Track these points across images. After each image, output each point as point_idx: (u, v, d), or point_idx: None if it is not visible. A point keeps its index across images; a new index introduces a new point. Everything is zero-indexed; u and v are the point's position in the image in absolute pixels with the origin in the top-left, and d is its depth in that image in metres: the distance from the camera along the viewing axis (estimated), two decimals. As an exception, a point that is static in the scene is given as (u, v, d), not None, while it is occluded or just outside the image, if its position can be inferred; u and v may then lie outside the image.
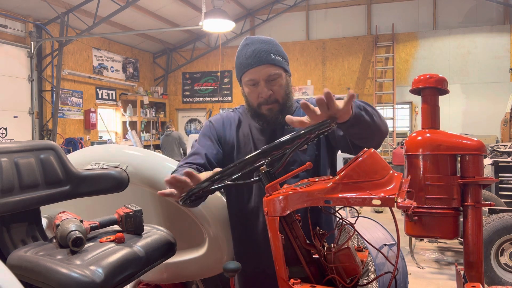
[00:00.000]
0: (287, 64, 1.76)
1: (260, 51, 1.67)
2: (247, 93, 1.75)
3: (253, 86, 1.70)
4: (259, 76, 1.67)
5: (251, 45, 1.70)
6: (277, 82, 1.69)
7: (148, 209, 1.99)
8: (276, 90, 1.70)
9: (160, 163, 2.03)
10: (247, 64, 1.68)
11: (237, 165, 1.34)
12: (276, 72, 1.68)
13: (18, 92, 9.61)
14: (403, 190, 1.12)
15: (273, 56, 1.68)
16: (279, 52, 1.71)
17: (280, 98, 1.71)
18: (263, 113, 1.72)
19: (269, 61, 1.67)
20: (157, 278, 2.11)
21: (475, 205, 1.12)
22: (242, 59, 1.71)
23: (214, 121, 1.85)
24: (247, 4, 13.11)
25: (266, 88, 1.68)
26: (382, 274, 1.39)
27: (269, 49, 1.68)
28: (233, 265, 1.38)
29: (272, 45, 1.71)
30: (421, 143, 1.15)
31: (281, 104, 1.72)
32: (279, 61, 1.69)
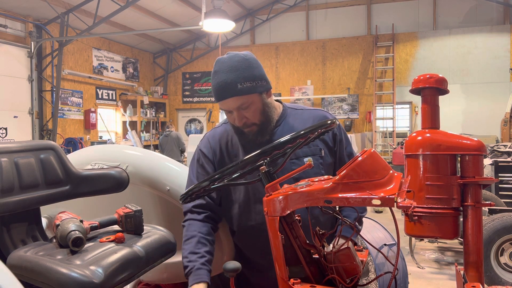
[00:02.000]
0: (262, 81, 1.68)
1: (226, 83, 1.62)
2: (227, 117, 1.76)
3: (228, 113, 1.71)
4: (229, 107, 1.67)
5: (218, 74, 1.65)
6: (250, 109, 1.66)
7: (148, 209, 1.99)
8: (251, 116, 1.68)
9: (160, 163, 2.02)
10: (216, 96, 1.68)
11: (238, 165, 1.35)
12: (246, 101, 1.64)
13: (18, 92, 9.61)
14: (403, 190, 1.12)
15: (240, 86, 1.61)
16: (247, 78, 1.63)
17: (257, 121, 1.69)
18: (244, 132, 1.72)
19: (236, 93, 1.62)
20: (157, 278, 2.11)
21: (475, 205, 1.11)
22: (213, 89, 1.70)
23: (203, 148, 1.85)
24: (247, 4, 13.11)
25: (238, 117, 1.67)
26: (382, 274, 1.39)
27: (235, 79, 1.62)
28: (233, 265, 1.38)
29: (239, 72, 1.63)
30: (421, 143, 1.15)
31: (259, 125, 1.70)
32: (247, 89, 1.63)
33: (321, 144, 1.76)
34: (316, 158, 1.73)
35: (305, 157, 1.72)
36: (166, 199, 1.97)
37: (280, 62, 13.42)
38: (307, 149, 1.74)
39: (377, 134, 12.19)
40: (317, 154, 1.74)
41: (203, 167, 1.81)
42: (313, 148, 1.75)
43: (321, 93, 13.05)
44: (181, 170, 1.95)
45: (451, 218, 1.11)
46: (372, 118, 12.17)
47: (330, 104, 13.03)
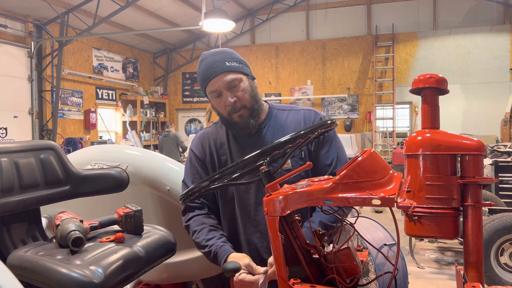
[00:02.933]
0: (247, 67, 1.75)
1: (214, 62, 1.68)
2: (215, 105, 1.76)
3: (217, 98, 1.71)
4: (220, 86, 1.68)
5: (206, 60, 1.72)
6: (239, 87, 1.69)
7: (148, 209, 1.99)
8: (240, 96, 1.69)
9: (160, 163, 2.03)
10: (205, 78, 1.70)
11: (238, 165, 1.35)
12: (235, 77, 1.68)
13: (18, 92, 9.61)
14: (403, 190, 1.12)
15: (228, 64, 1.68)
16: (234, 58, 1.72)
17: (246, 102, 1.71)
18: (235, 121, 1.72)
19: (224, 69, 1.67)
20: (157, 278, 2.11)
21: (475, 205, 1.11)
22: (200, 74, 1.73)
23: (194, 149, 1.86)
24: (247, 4, 13.11)
25: (229, 96, 1.68)
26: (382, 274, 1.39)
27: (222, 59, 1.69)
28: (233, 265, 1.38)
29: (225, 54, 1.72)
30: (421, 143, 1.15)
31: (250, 108, 1.71)
32: (235, 67, 1.69)
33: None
34: (295, 160, 1.71)
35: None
36: (166, 199, 1.97)
37: (280, 62, 13.42)
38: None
39: (377, 134, 12.19)
40: (297, 156, 1.72)
41: (195, 168, 1.82)
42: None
43: (321, 93, 13.05)
44: (181, 170, 1.95)
45: (451, 218, 1.11)
46: (372, 118, 12.17)
47: (330, 104, 13.03)
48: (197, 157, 1.83)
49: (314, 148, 1.75)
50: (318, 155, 1.74)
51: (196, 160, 1.83)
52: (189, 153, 1.88)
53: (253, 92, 1.73)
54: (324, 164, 1.73)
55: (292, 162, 1.70)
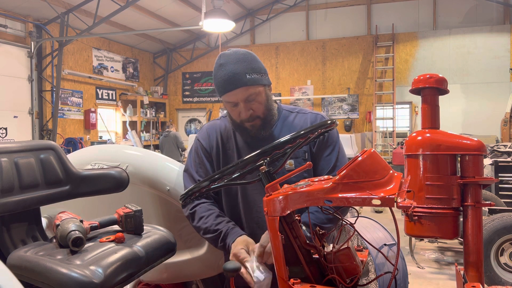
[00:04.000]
0: (266, 76, 1.72)
1: (235, 74, 1.63)
2: (229, 111, 1.75)
3: (233, 107, 1.71)
4: (237, 99, 1.67)
5: (226, 66, 1.66)
6: (256, 101, 1.68)
7: (148, 209, 1.99)
8: (256, 108, 1.69)
9: (160, 163, 2.02)
10: (223, 88, 1.67)
11: (238, 165, 1.35)
12: (254, 91, 1.66)
13: (18, 92, 9.61)
14: (403, 190, 1.12)
15: (249, 77, 1.64)
16: (254, 69, 1.67)
17: (261, 114, 1.71)
18: (246, 127, 1.73)
19: (245, 83, 1.63)
20: (157, 278, 2.11)
21: (475, 205, 1.11)
22: (218, 82, 1.68)
23: (201, 139, 1.86)
24: (247, 4, 13.11)
25: (245, 108, 1.67)
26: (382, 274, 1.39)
27: (243, 70, 1.64)
28: (233, 265, 1.38)
29: (246, 63, 1.66)
30: (421, 143, 1.15)
31: (263, 119, 1.72)
32: (255, 80, 1.66)
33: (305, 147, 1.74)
34: (298, 161, 1.72)
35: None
36: (166, 199, 1.97)
37: (280, 62, 13.42)
38: None
39: (377, 134, 12.18)
40: (300, 157, 1.73)
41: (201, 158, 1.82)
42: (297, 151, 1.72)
43: (321, 93, 13.05)
44: (181, 170, 1.95)
45: (451, 218, 1.11)
46: (372, 118, 12.17)
47: (330, 104, 13.03)
48: (204, 147, 1.83)
49: (316, 148, 1.75)
50: (320, 156, 1.75)
51: (202, 150, 1.83)
52: (195, 143, 1.87)
53: (268, 102, 1.73)
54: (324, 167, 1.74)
55: (295, 163, 1.71)
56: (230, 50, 1.72)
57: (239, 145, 1.79)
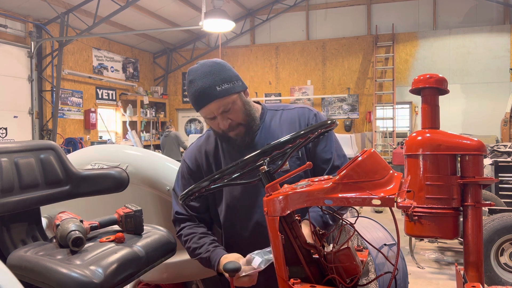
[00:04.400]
0: (238, 82, 1.68)
1: (204, 89, 1.61)
2: (209, 124, 1.74)
3: (211, 120, 1.69)
4: (212, 113, 1.65)
5: (195, 83, 1.63)
6: (232, 109, 1.65)
7: (148, 209, 1.99)
8: (234, 117, 1.67)
9: (160, 163, 2.03)
10: (196, 105, 1.66)
11: (238, 165, 1.35)
12: (227, 102, 1.63)
13: (18, 92, 9.61)
14: (403, 190, 1.12)
15: (219, 88, 1.61)
16: (224, 79, 1.63)
17: (241, 120, 1.68)
18: (231, 136, 1.71)
19: (215, 95, 1.61)
20: (157, 278, 2.11)
21: (475, 205, 1.11)
22: (191, 99, 1.67)
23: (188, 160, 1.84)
24: (247, 4, 13.11)
25: (223, 119, 1.65)
26: (382, 274, 1.39)
27: (212, 83, 1.61)
28: (233, 265, 1.38)
29: (214, 75, 1.62)
30: (421, 143, 1.15)
31: (246, 125, 1.70)
32: (226, 91, 1.62)
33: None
34: (293, 160, 1.70)
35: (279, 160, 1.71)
36: (166, 199, 1.97)
37: (280, 62, 13.42)
38: None
39: (377, 134, 12.18)
40: (294, 156, 1.71)
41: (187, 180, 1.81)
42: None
43: (321, 93, 13.05)
44: None
45: (451, 218, 1.11)
46: (372, 118, 12.17)
47: (330, 104, 13.02)
48: (190, 169, 1.82)
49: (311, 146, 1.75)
50: (316, 151, 1.74)
51: (188, 172, 1.82)
52: (182, 164, 1.86)
53: (246, 108, 1.69)
54: (324, 159, 1.72)
55: (290, 162, 1.69)
56: (198, 64, 1.69)
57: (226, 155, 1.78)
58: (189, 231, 1.75)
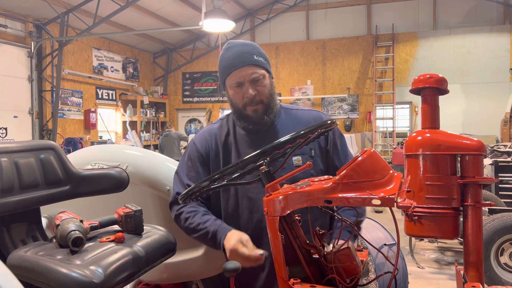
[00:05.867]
0: (269, 66, 1.78)
1: (243, 52, 1.70)
2: (232, 95, 1.76)
3: (237, 88, 1.72)
4: (244, 77, 1.69)
5: (234, 48, 1.73)
6: (261, 82, 1.71)
7: (148, 209, 1.99)
8: (261, 91, 1.71)
9: (160, 163, 2.02)
10: (230, 66, 1.70)
11: (238, 165, 1.35)
12: (260, 72, 1.71)
13: (18, 92, 9.61)
14: (403, 190, 1.12)
15: (256, 58, 1.71)
16: (261, 54, 1.74)
17: (264, 98, 1.73)
18: (248, 114, 1.73)
19: (253, 62, 1.69)
20: (157, 278, 2.11)
21: (475, 205, 1.11)
22: (226, 61, 1.73)
23: (198, 142, 1.85)
24: (247, 4, 13.11)
25: (251, 88, 1.69)
26: (382, 274, 1.39)
27: (251, 51, 1.71)
28: (233, 265, 1.38)
29: (254, 47, 1.75)
30: (421, 143, 1.15)
31: (266, 105, 1.73)
32: (262, 62, 1.72)
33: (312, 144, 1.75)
34: (305, 158, 1.73)
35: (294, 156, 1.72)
36: (166, 199, 1.97)
37: (280, 62, 13.42)
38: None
39: (377, 134, 12.18)
40: (307, 153, 1.74)
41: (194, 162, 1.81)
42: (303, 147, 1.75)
43: (321, 93, 13.05)
44: None
45: (451, 218, 1.11)
46: (372, 118, 12.17)
47: (330, 104, 13.03)
48: (199, 151, 1.82)
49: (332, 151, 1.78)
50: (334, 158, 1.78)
51: (197, 154, 1.82)
52: (191, 147, 1.86)
53: (272, 90, 1.77)
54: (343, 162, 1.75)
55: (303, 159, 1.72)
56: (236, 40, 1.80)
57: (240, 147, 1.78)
58: (191, 209, 1.73)
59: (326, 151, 1.78)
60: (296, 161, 1.73)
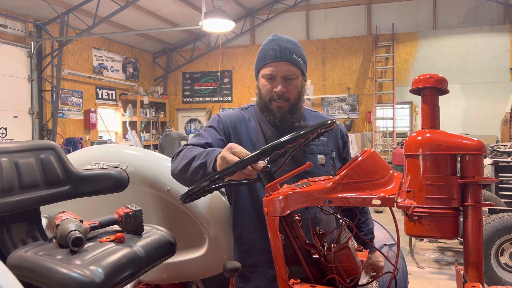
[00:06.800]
0: (306, 68, 1.80)
1: (284, 48, 1.72)
2: (261, 86, 1.77)
3: (269, 80, 1.74)
4: (278, 71, 1.71)
5: (277, 41, 1.76)
6: (293, 82, 1.73)
7: (148, 209, 1.99)
8: (291, 89, 1.73)
9: (160, 163, 2.02)
10: (269, 57, 1.73)
11: (238, 165, 1.34)
12: (295, 72, 1.73)
13: (18, 92, 9.61)
14: (403, 190, 1.12)
15: (295, 57, 1.73)
16: (301, 55, 1.76)
17: (292, 97, 1.75)
18: (272, 108, 1.75)
19: (291, 59, 1.71)
20: (157, 278, 2.11)
21: (475, 205, 1.12)
22: (265, 51, 1.76)
23: (223, 116, 1.84)
24: (247, 4, 13.11)
25: (281, 84, 1.71)
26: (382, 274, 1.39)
27: (293, 49, 1.73)
28: (233, 265, 1.38)
29: (296, 46, 1.77)
30: (421, 143, 1.15)
31: (292, 104, 1.76)
32: (299, 63, 1.74)
33: (332, 146, 1.83)
34: (327, 158, 1.80)
35: (319, 154, 1.78)
36: (166, 199, 1.97)
37: (280, 62, 13.40)
38: (321, 148, 1.80)
39: (377, 134, 12.18)
40: (329, 154, 1.81)
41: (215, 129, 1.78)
42: (327, 148, 1.81)
43: (321, 93, 13.05)
44: None
45: (451, 218, 1.11)
46: (372, 118, 12.17)
47: (330, 104, 13.02)
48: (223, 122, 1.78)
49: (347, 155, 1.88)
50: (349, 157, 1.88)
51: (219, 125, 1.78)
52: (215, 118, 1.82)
53: (301, 92, 1.79)
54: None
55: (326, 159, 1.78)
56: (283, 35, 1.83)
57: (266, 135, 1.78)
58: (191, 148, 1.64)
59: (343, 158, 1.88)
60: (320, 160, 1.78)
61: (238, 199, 1.80)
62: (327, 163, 1.77)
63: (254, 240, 1.76)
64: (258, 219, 1.73)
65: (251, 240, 1.77)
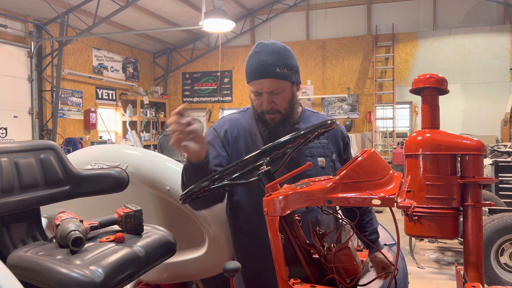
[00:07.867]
0: (296, 73, 1.75)
1: (266, 64, 1.67)
2: (252, 99, 1.78)
3: (257, 96, 1.73)
4: (262, 89, 1.70)
5: (259, 55, 1.70)
6: (280, 95, 1.71)
7: (148, 209, 1.99)
8: (279, 102, 1.72)
9: (160, 163, 2.02)
10: (251, 75, 1.71)
11: (238, 165, 1.34)
12: (280, 85, 1.69)
13: (18, 92, 9.60)
14: (403, 190, 1.12)
15: (278, 70, 1.67)
16: (286, 64, 1.69)
17: (282, 109, 1.73)
18: (266, 119, 1.75)
19: (273, 75, 1.67)
20: (157, 278, 2.11)
21: (475, 205, 1.11)
22: (248, 68, 1.73)
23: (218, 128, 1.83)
24: (247, 4, 13.11)
25: (267, 100, 1.70)
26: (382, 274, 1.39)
27: (275, 62, 1.67)
28: (233, 265, 1.38)
29: (280, 57, 1.69)
30: (421, 143, 1.15)
31: (283, 115, 1.75)
32: (284, 75, 1.68)
33: (333, 148, 1.82)
34: (328, 160, 1.79)
35: (319, 157, 1.78)
36: (166, 199, 1.97)
37: (280, 62, 13.39)
38: (321, 150, 1.79)
39: (377, 134, 12.18)
40: (329, 156, 1.81)
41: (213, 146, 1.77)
42: (327, 150, 1.81)
43: (321, 93, 13.05)
44: (181, 170, 1.95)
45: (451, 218, 1.11)
46: (372, 118, 12.17)
47: (330, 104, 13.02)
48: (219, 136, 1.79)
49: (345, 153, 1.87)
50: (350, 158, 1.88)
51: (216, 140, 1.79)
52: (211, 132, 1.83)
53: (292, 100, 1.75)
54: None
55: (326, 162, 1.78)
56: (269, 41, 1.75)
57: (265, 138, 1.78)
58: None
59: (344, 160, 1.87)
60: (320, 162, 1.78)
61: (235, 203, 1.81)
62: (327, 165, 1.78)
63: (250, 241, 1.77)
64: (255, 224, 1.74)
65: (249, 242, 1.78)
